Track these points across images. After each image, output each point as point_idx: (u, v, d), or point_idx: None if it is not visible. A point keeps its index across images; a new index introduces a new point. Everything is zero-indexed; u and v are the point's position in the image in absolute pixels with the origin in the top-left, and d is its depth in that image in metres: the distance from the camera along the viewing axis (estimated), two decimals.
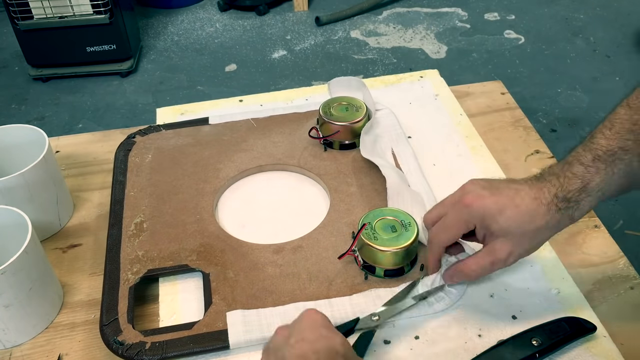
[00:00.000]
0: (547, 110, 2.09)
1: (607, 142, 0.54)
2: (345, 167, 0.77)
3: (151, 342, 0.58)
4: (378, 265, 0.63)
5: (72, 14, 2.18)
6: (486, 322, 0.60)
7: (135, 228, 0.70)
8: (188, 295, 0.64)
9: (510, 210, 0.55)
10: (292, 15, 2.75)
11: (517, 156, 0.81)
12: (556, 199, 0.55)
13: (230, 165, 0.79)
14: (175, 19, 2.77)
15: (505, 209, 0.55)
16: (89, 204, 0.78)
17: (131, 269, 0.65)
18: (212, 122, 0.86)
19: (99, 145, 0.88)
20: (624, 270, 0.66)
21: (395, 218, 0.65)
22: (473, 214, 0.56)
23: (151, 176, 0.77)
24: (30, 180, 0.68)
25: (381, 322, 0.58)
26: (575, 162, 0.55)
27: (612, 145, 0.54)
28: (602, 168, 0.54)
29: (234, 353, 0.58)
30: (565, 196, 0.55)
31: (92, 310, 0.65)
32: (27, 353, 0.61)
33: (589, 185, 0.54)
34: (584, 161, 0.55)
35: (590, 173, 0.54)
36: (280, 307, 0.60)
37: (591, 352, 0.56)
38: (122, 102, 2.26)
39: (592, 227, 0.71)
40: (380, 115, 0.84)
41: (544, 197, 0.55)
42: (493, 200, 0.56)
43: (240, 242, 0.68)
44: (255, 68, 2.41)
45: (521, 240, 0.56)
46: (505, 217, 0.55)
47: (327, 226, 0.70)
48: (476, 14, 2.68)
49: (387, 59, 2.41)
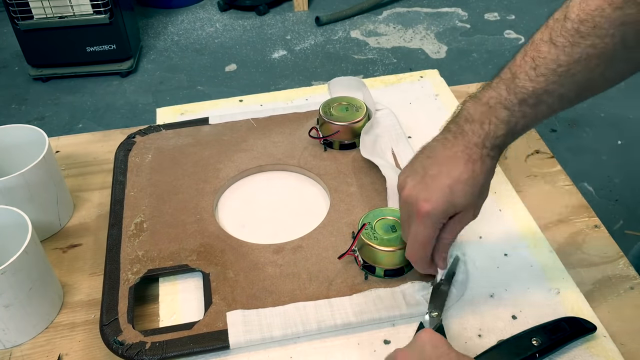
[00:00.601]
0: None
1: (532, 85, 0.52)
2: (345, 167, 0.77)
3: (151, 342, 0.58)
4: (378, 265, 0.63)
5: (72, 14, 2.19)
6: (486, 322, 0.60)
7: (135, 228, 0.70)
8: (188, 295, 0.64)
9: (456, 187, 0.54)
10: (292, 15, 2.75)
11: (517, 156, 0.81)
12: (485, 149, 0.54)
13: (230, 165, 0.79)
14: (175, 19, 2.77)
15: (452, 190, 0.54)
16: (89, 204, 0.78)
17: (131, 269, 0.65)
18: (212, 122, 0.86)
19: (99, 145, 0.88)
20: (624, 270, 0.66)
21: (395, 218, 0.65)
22: (435, 219, 0.55)
23: (151, 176, 0.77)
24: (30, 180, 0.68)
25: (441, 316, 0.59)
26: (499, 107, 0.53)
27: (538, 89, 0.52)
28: (528, 111, 0.53)
29: (234, 353, 0.58)
30: (494, 143, 0.54)
31: (92, 310, 0.65)
32: (27, 353, 0.61)
33: (514, 129, 0.54)
34: (509, 105, 0.53)
35: (516, 117, 0.53)
36: (280, 307, 0.60)
37: (591, 352, 0.56)
38: (122, 102, 2.26)
39: (592, 227, 0.71)
40: (380, 115, 0.84)
41: (474, 152, 0.54)
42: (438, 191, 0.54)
43: (240, 242, 0.68)
44: (255, 68, 2.41)
45: (477, 201, 0.56)
46: (458, 198, 0.54)
47: (327, 226, 0.70)
48: (476, 14, 2.68)
49: (387, 59, 2.41)
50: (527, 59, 0.53)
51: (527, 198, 0.74)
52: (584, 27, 0.50)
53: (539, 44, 0.52)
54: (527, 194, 0.75)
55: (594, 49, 0.50)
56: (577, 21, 0.50)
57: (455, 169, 0.54)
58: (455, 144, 0.55)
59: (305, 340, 0.59)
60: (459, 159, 0.54)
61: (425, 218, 0.55)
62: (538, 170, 0.79)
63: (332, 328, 0.59)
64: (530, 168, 0.79)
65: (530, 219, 0.70)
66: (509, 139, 0.54)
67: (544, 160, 0.81)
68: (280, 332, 0.58)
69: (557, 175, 0.78)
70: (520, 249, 0.67)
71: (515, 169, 0.79)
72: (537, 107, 0.53)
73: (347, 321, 0.59)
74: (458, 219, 0.57)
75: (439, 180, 0.54)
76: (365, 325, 0.60)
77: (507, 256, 0.66)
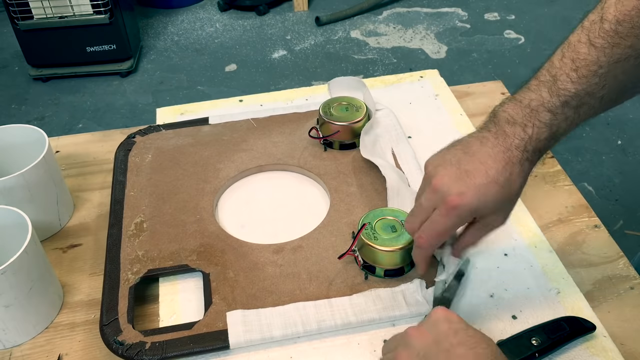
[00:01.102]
0: None
1: (574, 87, 0.51)
2: (345, 167, 0.77)
3: (151, 342, 0.58)
4: (378, 265, 0.63)
5: (72, 14, 2.19)
6: (486, 322, 0.60)
7: (135, 228, 0.70)
8: (188, 295, 0.64)
9: (491, 187, 0.52)
10: (292, 15, 2.75)
11: None
12: (526, 152, 0.53)
13: (230, 165, 0.79)
14: (175, 19, 2.77)
15: (487, 190, 0.52)
16: (89, 204, 0.78)
17: (131, 269, 0.65)
18: (212, 122, 0.86)
19: (99, 145, 0.88)
20: (624, 270, 0.66)
21: (395, 218, 0.65)
22: (463, 215, 0.54)
23: (151, 176, 0.77)
24: (30, 180, 0.68)
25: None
26: (542, 109, 0.52)
27: (580, 91, 0.51)
28: (570, 114, 0.52)
29: (234, 353, 0.58)
30: (536, 147, 0.53)
31: (92, 310, 0.65)
32: (27, 353, 0.61)
33: (557, 133, 0.53)
34: (551, 108, 0.52)
35: (559, 120, 0.52)
36: (280, 307, 0.60)
37: (591, 352, 0.56)
38: (122, 102, 2.26)
39: (592, 227, 0.71)
40: (380, 115, 0.84)
41: (513, 155, 0.53)
42: (473, 187, 0.52)
43: (240, 242, 0.68)
44: (255, 68, 2.41)
45: (508, 207, 0.55)
46: (491, 199, 0.53)
47: (327, 226, 0.70)
48: (476, 14, 2.68)
49: (387, 59, 2.41)
50: (567, 60, 0.52)
51: (527, 198, 0.74)
52: (622, 27, 0.50)
53: (577, 46, 0.52)
54: (527, 194, 0.75)
55: (633, 49, 0.50)
56: (615, 22, 0.50)
57: (493, 168, 0.53)
58: (496, 144, 0.53)
59: (305, 340, 0.59)
60: (498, 159, 0.53)
61: (454, 211, 0.53)
62: (538, 170, 0.79)
63: (332, 328, 0.59)
64: None
65: (530, 219, 0.70)
66: (550, 143, 0.53)
67: (544, 160, 0.81)
68: (280, 332, 0.58)
69: (557, 175, 0.78)
70: (520, 249, 0.67)
71: None
72: (580, 110, 0.52)
73: (347, 321, 0.59)
74: (485, 222, 0.55)
75: (474, 177, 0.53)
76: (365, 325, 0.60)
77: (507, 256, 0.66)
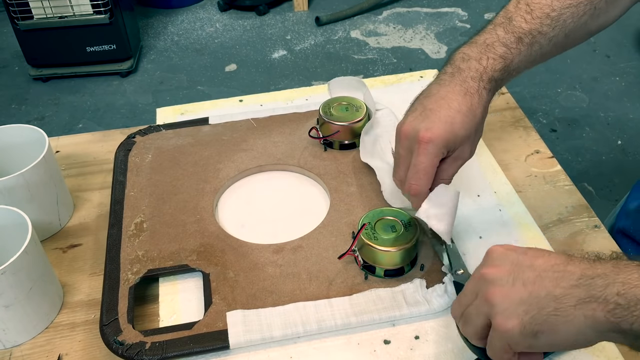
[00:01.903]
0: (547, 110, 2.09)
1: (528, 26, 0.60)
2: (345, 167, 0.77)
3: (151, 342, 0.58)
4: (378, 265, 0.63)
5: (72, 14, 2.18)
6: None
7: (135, 228, 0.70)
8: (188, 295, 0.64)
9: (456, 117, 0.57)
10: (292, 15, 2.75)
11: (517, 156, 0.81)
12: (482, 82, 0.58)
13: (230, 165, 0.79)
14: (175, 19, 2.77)
15: (453, 120, 0.57)
16: (89, 204, 0.78)
17: (131, 269, 0.65)
18: (212, 122, 0.86)
19: (99, 145, 0.88)
20: None
21: (395, 218, 0.65)
22: (437, 147, 0.57)
23: (151, 176, 0.77)
24: (30, 180, 0.68)
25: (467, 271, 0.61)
26: (498, 44, 0.59)
27: (533, 29, 0.60)
28: (523, 50, 0.60)
29: (234, 353, 0.58)
30: (492, 76, 0.59)
31: (92, 310, 0.65)
32: (27, 353, 0.61)
33: (510, 66, 0.59)
34: (506, 43, 0.59)
35: (513, 54, 0.59)
36: (280, 307, 0.60)
37: (591, 352, 0.56)
38: (122, 102, 2.26)
39: (592, 227, 0.71)
40: (380, 115, 0.84)
41: (470, 86, 0.58)
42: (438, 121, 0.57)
43: (240, 242, 0.68)
44: (255, 68, 2.41)
45: (474, 136, 0.60)
46: (458, 127, 0.57)
47: (327, 226, 0.70)
48: (476, 14, 2.68)
49: (387, 59, 2.41)
50: (522, 5, 0.61)
51: (527, 198, 0.74)
52: None
53: None
54: (527, 194, 0.75)
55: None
56: None
57: (454, 100, 0.58)
58: (452, 81, 0.59)
59: (305, 340, 0.59)
60: (457, 92, 0.58)
61: (427, 145, 0.57)
62: (538, 170, 0.79)
63: (332, 328, 0.59)
64: (530, 168, 0.79)
65: (530, 219, 0.70)
66: (504, 75, 0.59)
67: (544, 160, 0.81)
68: (280, 332, 0.58)
69: (557, 175, 0.78)
70: None
71: (515, 169, 0.79)
72: (532, 47, 0.60)
73: (347, 321, 0.59)
74: (455, 156, 0.60)
75: (438, 112, 0.58)
76: (365, 325, 0.60)
77: None
